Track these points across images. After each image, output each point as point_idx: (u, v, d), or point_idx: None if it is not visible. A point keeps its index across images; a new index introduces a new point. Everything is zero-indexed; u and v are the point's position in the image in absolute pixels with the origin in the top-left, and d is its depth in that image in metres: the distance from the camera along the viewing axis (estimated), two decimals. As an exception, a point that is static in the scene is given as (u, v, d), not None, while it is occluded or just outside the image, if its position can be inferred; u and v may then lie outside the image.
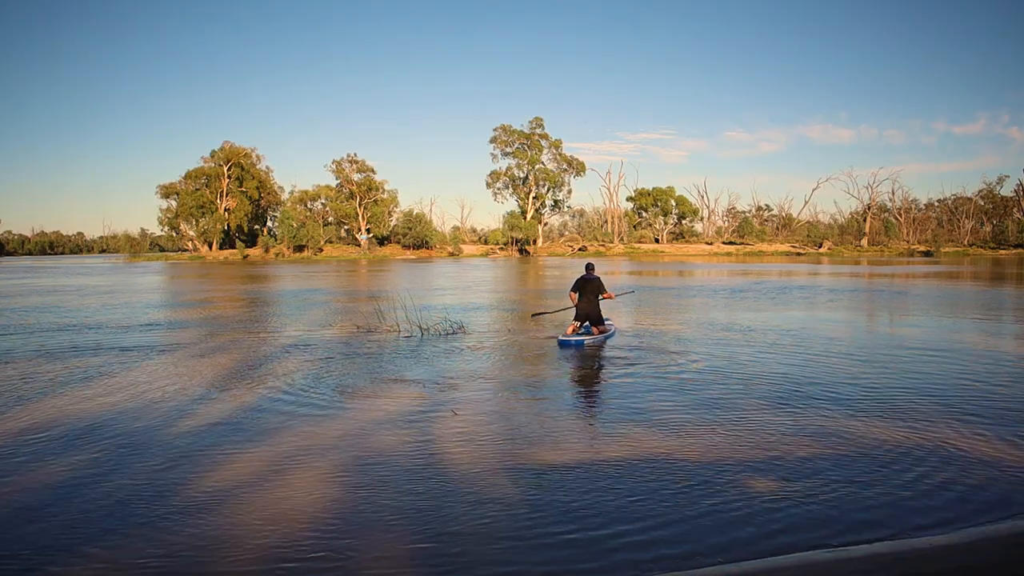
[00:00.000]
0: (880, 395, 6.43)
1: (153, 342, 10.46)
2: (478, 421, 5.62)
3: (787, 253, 65.21)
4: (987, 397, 6.34)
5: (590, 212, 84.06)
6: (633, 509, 3.78)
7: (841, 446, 4.86)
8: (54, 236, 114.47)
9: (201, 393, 6.81)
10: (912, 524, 3.61)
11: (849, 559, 3.23)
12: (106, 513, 3.78)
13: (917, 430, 5.25)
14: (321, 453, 4.81)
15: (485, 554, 3.29)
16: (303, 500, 3.96)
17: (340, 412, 5.97)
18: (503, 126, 71.72)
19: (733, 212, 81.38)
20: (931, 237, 70.80)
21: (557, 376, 7.75)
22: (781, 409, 5.92)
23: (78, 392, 6.89)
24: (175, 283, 28.85)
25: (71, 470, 4.49)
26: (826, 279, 27.42)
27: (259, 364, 8.54)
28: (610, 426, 5.43)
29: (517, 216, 71.57)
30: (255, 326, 12.69)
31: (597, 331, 10.07)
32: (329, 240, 65.94)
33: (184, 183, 65.55)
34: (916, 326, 11.89)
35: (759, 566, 3.16)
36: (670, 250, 69.17)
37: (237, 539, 3.45)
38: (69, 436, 5.27)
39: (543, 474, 4.35)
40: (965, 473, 4.33)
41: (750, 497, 3.94)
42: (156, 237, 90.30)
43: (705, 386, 6.85)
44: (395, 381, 7.29)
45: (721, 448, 4.83)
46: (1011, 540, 3.46)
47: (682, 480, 4.21)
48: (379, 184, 67.90)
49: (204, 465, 4.57)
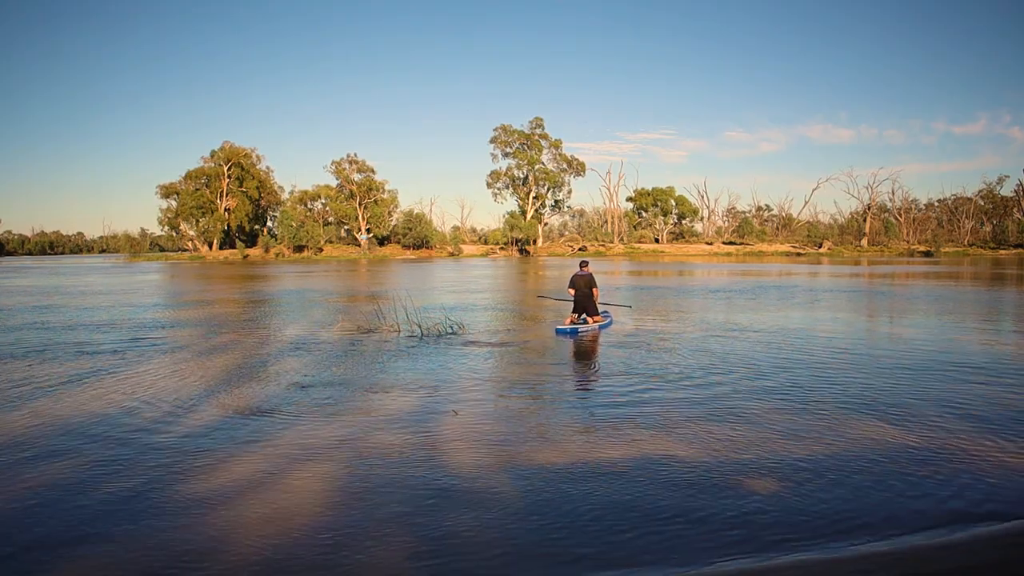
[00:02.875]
0: (880, 395, 6.43)
1: (153, 342, 10.46)
2: (478, 421, 5.63)
3: (787, 253, 65.21)
4: (987, 397, 6.34)
5: (590, 212, 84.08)
6: (632, 509, 3.79)
7: (840, 446, 4.87)
8: (54, 236, 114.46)
9: (201, 393, 6.81)
10: (912, 524, 3.62)
11: (848, 559, 3.23)
12: (105, 513, 3.79)
13: (917, 430, 5.25)
14: (321, 453, 4.81)
15: (484, 554, 3.30)
16: (302, 500, 3.96)
17: (340, 412, 5.97)
18: (503, 126, 71.81)
19: (733, 212, 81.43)
20: (931, 237, 70.80)
21: (557, 376, 7.75)
22: (781, 409, 5.92)
23: (78, 392, 6.89)
24: (175, 283, 28.85)
25: (70, 470, 4.49)
26: (826, 279, 27.42)
27: (259, 364, 8.54)
28: (610, 426, 5.43)
29: (517, 216, 71.58)
30: (255, 326, 12.70)
31: (592, 321, 10.95)
32: (329, 240, 65.94)
33: (184, 183, 65.54)
34: (916, 326, 11.88)
35: (758, 566, 3.16)
36: (670, 250, 69.16)
37: (236, 540, 3.45)
38: (68, 436, 5.27)
39: (542, 474, 4.35)
40: (965, 473, 4.33)
41: (749, 497, 3.94)
42: (156, 237, 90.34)
43: (705, 386, 6.86)
44: (395, 381, 7.29)
45: (721, 448, 4.84)
46: (1011, 540, 3.46)
47: (681, 480, 4.21)
48: (379, 184, 67.91)
49: (204, 465, 4.57)
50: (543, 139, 71.82)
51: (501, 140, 72.06)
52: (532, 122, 71.59)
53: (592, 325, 10.86)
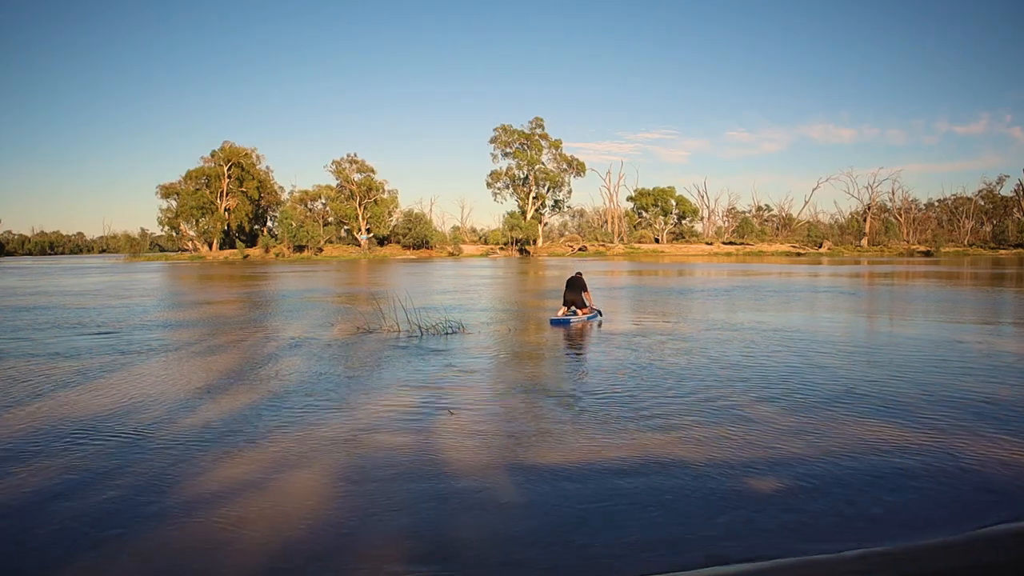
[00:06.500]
0: (880, 395, 6.42)
1: (153, 342, 10.45)
2: (477, 421, 5.62)
3: (787, 253, 65.22)
4: (988, 396, 6.33)
5: (590, 212, 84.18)
6: (632, 509, 3.78)
7: (839, 446, 4.86)
8: (54, 236, 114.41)
9: (201, 393, 6.81)
10: (912, 524, 3.61)
11: (848, 559, 3.22)
12: (105, 514, 3.78)
13: (917, 429, 5.25)
14: (320, 453, 4.80)
15: (483, 555, 3.29)
16: (301, 500, 3.95)
17: (339, 412, 5.97)
18: (503, 126, 71.84)
19: (733, 212, 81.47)
20: (931, 237, 70.83)
21: (556, 376, 7.75)
22: (781, 409, 5.91)
23: (77, 392, 6.88)
24: (175, 283, 28.85)
25: (70, 470, 4.48)
26: (826, 279, 27.42)
27: (259, 364, 8.54)
28: (608, 426, 5.43)
29: (517, 216, 71.59)
30: (255, 326, 12.69)
31: (581, 312, 12.51)
32: (329, 240, 65.93)
33: (184, 183, 65.54)
34: (916, 326, 11.88)
35: (758, 566, 3.16)
36: (670, 250, 69.17)
37: (235, 540, 3.45)
38: (68, 436, 5.26)
39: (541, 474, 4.34)
40: (966, 473, 4.33)
41: (749, 497, 3.94)
42: (156, 237, 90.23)
43: (705, 386, 6.85)
44: (395, 381, 7.28)
45: (720, 448, 4.83)
46: (1011, 541, 3.46)
47: (680, 480, 4.21)
48: (379, 184, 67.89)
49: (203, 465, 4.56)
50: (543, 139, 71.85)
51: (501, 140, 72.10)
52: (532, 122, 71.69)
53: (581, 316, 12.35)
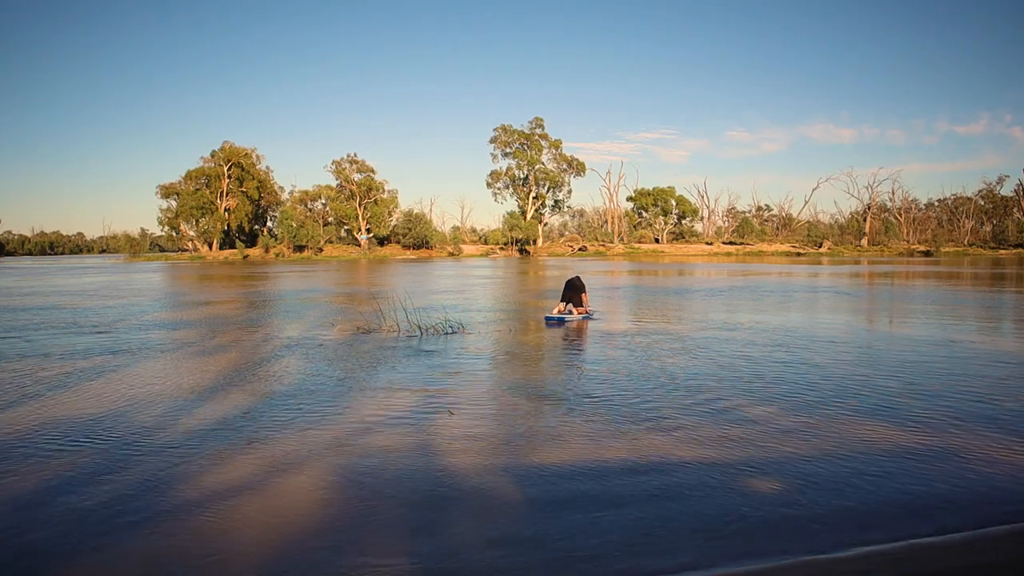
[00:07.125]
0: (879, 395, 6.42)
1: (152, 342, 10.45)
2: (476, 422, 5.62)
3: (787, 253, 65.21)
4: (988, 396, 6.33)
5: (590, 212, 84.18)
6: (631, 509, 3.77)
7: (839, 445, 4.86)
8: (54, 236, 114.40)
9: (200, 394, 6.80)
10: (912, 524, 3.61)
11: (848, 559, 3.22)
12: (103, 515, 3.77)
13: (917, 429, 5.24)
14: (318, 454, 4.80)
15: (483, 555, 3.29)
16: (300, 501, 3.95)
17: (339, 413, 5.96)
18: (503, 126, 71.86)
19: (733, 212, 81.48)
20: (931, 237, 70.85)
21: (556, 376, 7.74)
22: (781, 408, 5.91)
23: (76, 392, 6.87)
24: (175, 283, 28.84)
25: (69, 470, 4.48)
26: (825, 279, 27.42)
27: (258, 365, 8.53)
28: (608, 426, 5.42)
29: (517, 216, 71.59)
30: (255, 326, 12.69)
31: (577, 311, 12.56)
32: (329, 240, 65.93)
33: (184, 183, 65.54)
34: (916, 326, 11.87)
35: (758, 567, 3.15)
36: (670, 250, 69.18)
37: (234, 541, 3.44)
38: (67, 436, 5.26)
39: (541, 474, 4.34)
40: (966, 473, 4.32)
41: (749, 497, 3.93)
42: (156, 237, 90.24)
43: (705, 386, 6.84)
44: (394, 381, 7.28)
45: (720, 448, 4.82)
46: (1011, 541, 3.45)
47: (680, 480, 4.20)
48: (379, 184, 67.90)
49: (202, 466, 4.56)
50: (543, 139, 71.88)
51: (501, 140, 72.12)
52: (532, 122, 71.71)
53: (576, 315, 12.37)
